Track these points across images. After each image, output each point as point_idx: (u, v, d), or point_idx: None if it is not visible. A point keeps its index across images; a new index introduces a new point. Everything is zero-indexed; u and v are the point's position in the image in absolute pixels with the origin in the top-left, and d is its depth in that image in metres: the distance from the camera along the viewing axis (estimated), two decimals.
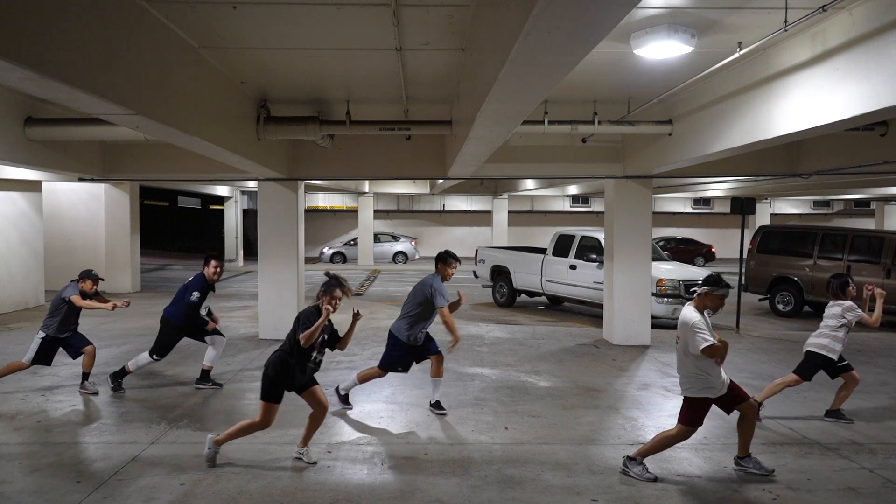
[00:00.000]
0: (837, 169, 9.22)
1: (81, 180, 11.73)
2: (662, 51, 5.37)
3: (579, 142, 9.85)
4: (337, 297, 4.76)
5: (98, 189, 15.92)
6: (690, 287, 11.56)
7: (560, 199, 30.20)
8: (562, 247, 13.23)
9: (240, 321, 11.87)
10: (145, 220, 20.76)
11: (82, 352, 6.89)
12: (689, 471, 5.04)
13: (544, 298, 14.64)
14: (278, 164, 9.47)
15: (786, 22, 4.76)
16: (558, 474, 4.92)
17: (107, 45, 4.30)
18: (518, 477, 4.86)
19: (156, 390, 7.13)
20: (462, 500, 4.45)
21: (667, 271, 11.74)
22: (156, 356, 6.93)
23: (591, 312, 13.14)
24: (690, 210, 30.76)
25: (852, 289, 6.09)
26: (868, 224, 28.16)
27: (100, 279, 6.94)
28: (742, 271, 12.36)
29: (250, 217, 26.55)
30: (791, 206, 30.64)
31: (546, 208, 31.14)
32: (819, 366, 6.15)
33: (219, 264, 7.01)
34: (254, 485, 4.64)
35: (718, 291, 4.78)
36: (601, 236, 12.08)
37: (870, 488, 4.77)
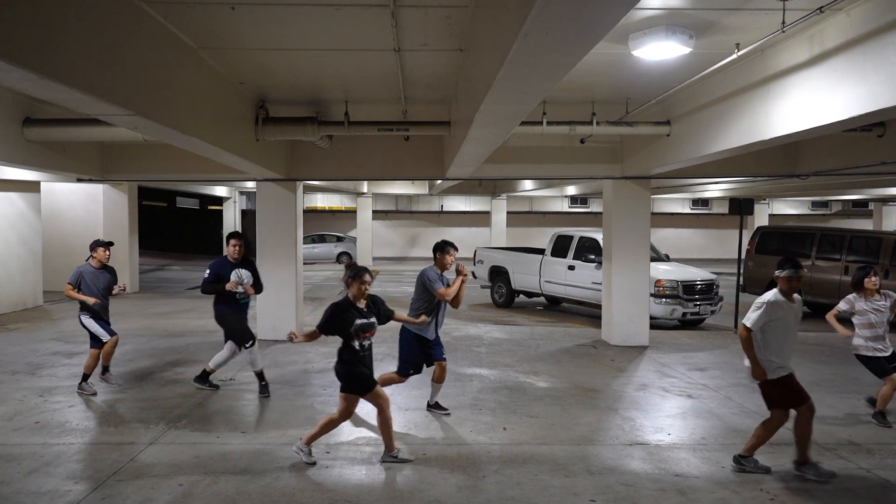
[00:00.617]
0: (835, 170, 9.24)
1: (80, 181, 11.72)
2: (660, 52, 5.38)
3: (578, 142, 9.87)
4: (367, 282, 5.09)
5: (96, 189, 15.89)
6: (689, 288, 11.61)
7: (558, 199, 30.18)
8: (560, 247, 13.25)
9: None
10: (144, 221, 20.72)
11: (103, 341, 6.90)
12: (687, 471, 5.05)
13: (543, 299, 14.64)
14: (277, 165, 9.47)
15: (783, 23, 4.77)
16: (557, 474, 4.92)
17: (105, 46, 4.30)
18: (517, 477, 4.86)
19: (155, 391, 7.12)
20: (461, 501, 4.46)
21: (665, 272, 11.75)
22: (246, 345, 6.79)
23: (590, 313, 13.14)
24: (689, 211, 30.76)
25: (868, 281, 6.11)
26: (866, 225, 28.18)
27: (109, 243, 6.99)
28: (740, 272, 12.39)
29: (249, 218, 26.52)
30: (789, 207, 30.65)
31: (544, 209, 31.13)
32: (868, 363, 6.22)
33: (238, 242, 6.81)
34: (252, 485, 4.64)
35: (782, 273, 4.93)
36: (599, 237, 12.10)
37: (867, 489, 4.78)
